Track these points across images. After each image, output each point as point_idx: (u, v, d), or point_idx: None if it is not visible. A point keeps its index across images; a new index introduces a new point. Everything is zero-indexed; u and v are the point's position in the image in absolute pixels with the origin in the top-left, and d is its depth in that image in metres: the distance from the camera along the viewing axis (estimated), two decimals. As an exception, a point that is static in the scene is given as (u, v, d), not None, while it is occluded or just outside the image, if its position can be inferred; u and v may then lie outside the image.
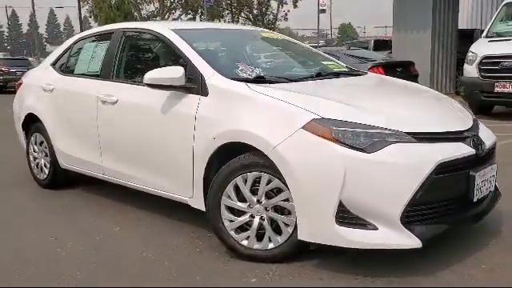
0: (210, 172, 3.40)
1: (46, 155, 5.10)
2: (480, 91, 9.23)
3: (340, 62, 4.48)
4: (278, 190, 3.09)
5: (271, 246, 3.14)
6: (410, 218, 2.85)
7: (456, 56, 14.12)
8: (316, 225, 2.90)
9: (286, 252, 3.12)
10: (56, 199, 4.83)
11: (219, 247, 3.37)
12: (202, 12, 49.21)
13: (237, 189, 3.20)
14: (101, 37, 4.68)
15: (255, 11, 49.46)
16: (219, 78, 3.45)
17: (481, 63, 9.25)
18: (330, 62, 4.41)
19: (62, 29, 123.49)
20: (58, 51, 5.18)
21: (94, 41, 4.73)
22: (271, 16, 50.02)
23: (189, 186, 3.55)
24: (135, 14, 35.18)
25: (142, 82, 3.89)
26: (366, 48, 15.67)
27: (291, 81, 3.61)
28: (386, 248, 2.84)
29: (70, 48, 4.99)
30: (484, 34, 10.11)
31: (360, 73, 4.35)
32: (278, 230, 3.13)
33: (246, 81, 3.43)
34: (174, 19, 47.95)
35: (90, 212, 4.39)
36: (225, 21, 49.99)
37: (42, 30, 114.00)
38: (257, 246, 3.17)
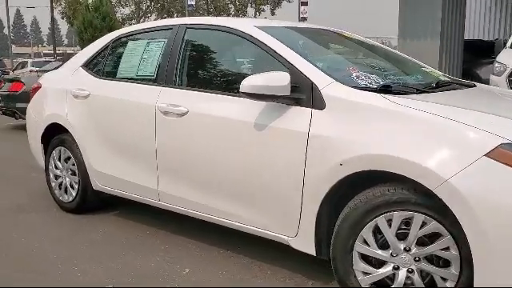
0: (326, 207, 2.66)
1: (74, 174, 4.26)
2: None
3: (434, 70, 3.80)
4: (434, 236, 2.37)
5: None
6: None
7: (462, 66, 13.73)
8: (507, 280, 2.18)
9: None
10: (86, 227, 4.00)
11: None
12: (177, 16, 48.43)
13: (376, 232, 2.47)
14: (152, 34, 3.87)
15: (232, 17, 48.86)
16: (340, 88, 2.72)
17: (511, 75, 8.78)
18: (429, 69, 3.73)
19: (28, 30, 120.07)
20: (89, 50, 4.35)
21: (141, 39, 3.92)
22: (248, 22, 49.51)
23: (292, 222, 2.81)
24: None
25: (222, 89, 3.22)
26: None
27: (420, 91, 2.90)
28: None
29: (107, 47, 4.16)
30: (509, 44, 9.67)
31: (466, 82, 3.68)
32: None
33: (375, 91, 2.71)
34: (149, 23, 46.87)
35: (141, 247, 3.58)
36: (201, 26, 49.16)
37: (7, 30, 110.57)
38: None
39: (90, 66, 4.23)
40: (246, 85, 2.79)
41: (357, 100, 2.63)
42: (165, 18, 47.80)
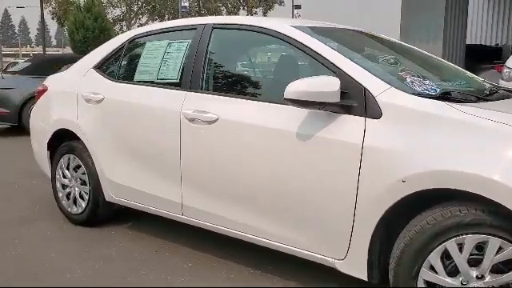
0: (381, 228, 2.39)
1: (84, 183, 3.95)
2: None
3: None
4: (509, 263, 2.11)
5: None
6: None
7: (462, 70, 13.59)
8: None
9: None
10: (98, 242, 3.70)
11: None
12: (168, 18, 48.15)
13: (445, 258, 2.20)
14: (173, 34, 3.58)
15: (224, 19, 48.63)
16: (398, 94, 2.45)
17: (523, 80, 8.58)
18: (472, 75, 3.48)
19: (16, 30, 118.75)
20: (101, 51, 4.04)
21: (161, 39, 3.62)
22: (239, 25, 49.38)
23: (341, 243, 2.53)
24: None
25: (256, 95, 3.01)
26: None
27: (479, 99, 2.63)
28: None
29: (122, 47, 3.86)
30: (518, 48, 9.50)
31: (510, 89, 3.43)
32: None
33: (436, 98, 2.44)
34: (140, 24, 46.62)
35: (161, 265, 3.28)
36: (192, 28, 48.95)
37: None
38: None
39: (103, 67, 3.92)
40: (291, 90, 2.51)
41: (419, 108, 2.36)
42: (156, 19, 47.50)
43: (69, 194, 4.10)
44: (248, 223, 2.92)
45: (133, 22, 46.48)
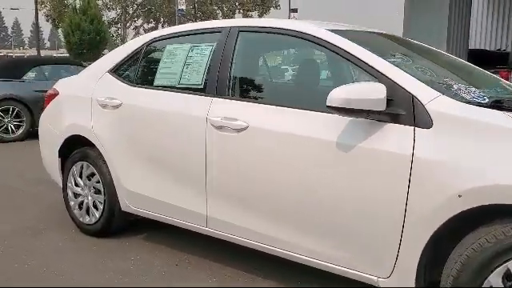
0: (431, 245, 2.24)
1: (98, 192, 3.77)
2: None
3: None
4: None
5: None
6: None
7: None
8: None
9: None
10: (114, 254, 3.52)
11: None
12: (164, 21, 48.04)
13: (506, 278, 2.05)
14: (196, 37, 3.41)
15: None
16: (450, 103, 2.30)
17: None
18: (504, 81, 3.34)
19: (9, 32, 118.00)
20: (117, 54, 3.87)
21: (182, 42, 3.45)
22: (235, 28, 49.29)
23: (386, 261, 2.38)
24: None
25: (290, 102, 2.80)
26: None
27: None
28: None
29: (139, 51, 3.69)
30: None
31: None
32: None
33: (489, 107, 2.29)
34: (136, 27, 46.45)
35: (186, 280, 3.11)
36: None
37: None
38: None
39: (120, 71, 3.75)
40: (334, 97, 2.35)
41: (474, 117, 2.21)
42: (151, 22, 47.32)
43: (81, 203, 3.92)
44: (279, 237, 2.76)
45: (128, 24, 46.29)
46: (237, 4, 49.01)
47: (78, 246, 3.72)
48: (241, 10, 49.27)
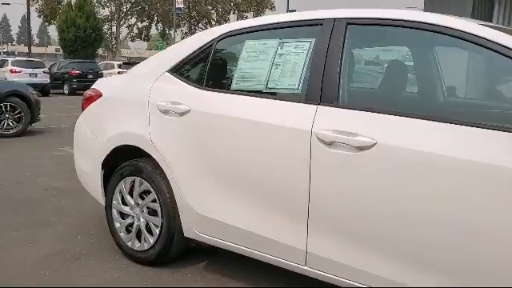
0: None
1: (153, 213, 3.18)
2: None
3: None
4: None
5: None
6: None
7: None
8: None
9: None
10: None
11: None
12: (157, 20, 47.39)
13: None
14: (285, 31, 2.83)
15: (214, 23, 48.31)
16: None
17: None
18: None
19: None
20: (178, 51, 3.28)
21: (267, 38, 2.87)
22: (230, 29, 48.88)
23: None
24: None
25: (428, 113, 2.27)
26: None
27: None
28: None
29: (208, 47, 3.09)
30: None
31: None
32: None
33: None
34: (129, 25, 45.71)
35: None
36: (181, 31, 48.41)
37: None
38: None
39: (182, 71, 3.16)
40: None
41: None
42: (145, 21, 46.62)
43: (130, 225, 3.33)
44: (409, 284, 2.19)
45: (122, 22, 45.55)
46: (232, 4, 48.48)
47: (128, 277, 3.12)
48: (235, 11, 48.78)
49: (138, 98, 3.24)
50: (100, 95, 3.53)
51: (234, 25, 3.10)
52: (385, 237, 2.24)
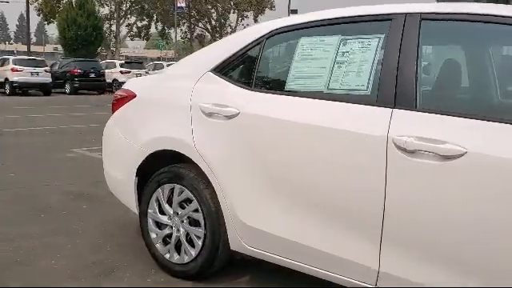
0: None
1: (194, 224, 2.94)
2: None
3: None
4: None
5: None
6: None
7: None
8: None
9: None
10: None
11: None
12: (157, 19, 47.16)
13: None
14: (348, 27, 2.59)
15: (214, 22, 48.10)
16: None
17: None
18: None
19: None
20: (221, 48, 3.04)
21: (326, 34, 2.63)
22: (229, 28, 48.68)
23: None
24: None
25: None
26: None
27: None
28: None
29: (257, 44, 2.85)
30: None
31: None
32: None
33: None
34: (128, 24, 45.44)
35: None
36: (181, 30, 48.19)
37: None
38: None
39: (227, 71, 2.91)
40: None
41: None
42: (144, 20, 46.32)
43: (168, 236, 3.08)
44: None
45: (121, 21, 45.29)
46: (232, 4, 48.25)
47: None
48: (235, 11, 48.59)
49: (177, 99, 3.00)
50: (134, 96, 3.29)
51: (285, 20, 2.86)
52: (474, 260, 2.00)
